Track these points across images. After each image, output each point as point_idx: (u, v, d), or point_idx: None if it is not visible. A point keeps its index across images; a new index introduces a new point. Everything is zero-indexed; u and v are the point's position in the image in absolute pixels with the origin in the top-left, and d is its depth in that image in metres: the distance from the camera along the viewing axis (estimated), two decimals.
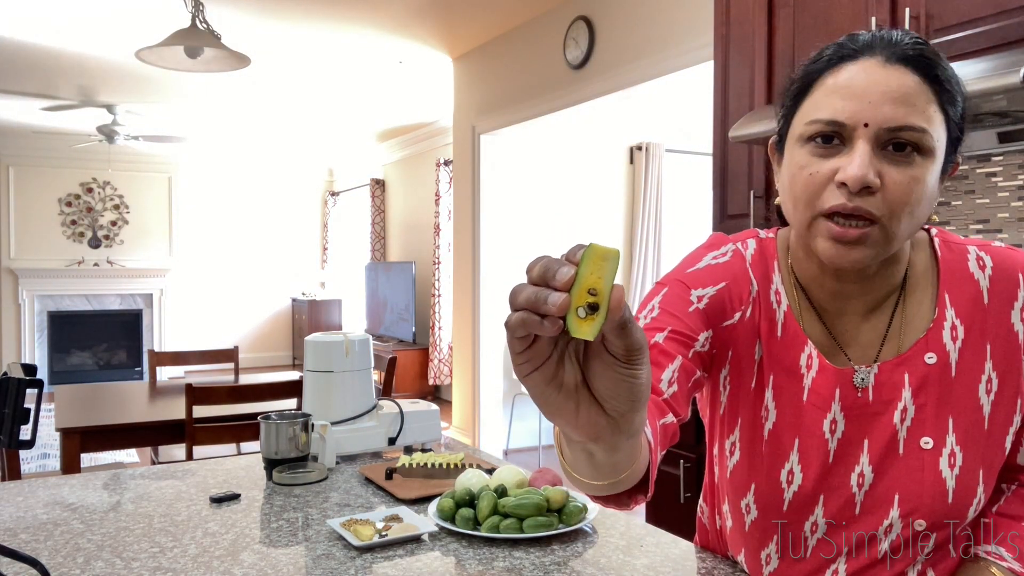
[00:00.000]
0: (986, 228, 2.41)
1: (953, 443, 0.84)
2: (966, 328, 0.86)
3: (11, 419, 1.09)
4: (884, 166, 0.76)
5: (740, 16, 2.79)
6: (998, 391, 0.85)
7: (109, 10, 4.51)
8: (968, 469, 0.84)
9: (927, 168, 0.77)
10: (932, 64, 0.77)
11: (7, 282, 8.78)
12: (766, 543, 0.92)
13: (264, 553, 1.14)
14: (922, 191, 0.77)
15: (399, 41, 5.20)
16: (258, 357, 10.18)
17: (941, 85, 0.77)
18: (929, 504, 0.84)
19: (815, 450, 0.88)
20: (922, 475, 0.85)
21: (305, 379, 1.74)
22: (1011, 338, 0.85)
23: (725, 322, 0.90)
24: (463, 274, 5.71)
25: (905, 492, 0.85)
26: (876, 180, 0.76)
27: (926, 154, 0.77)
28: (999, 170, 2.38)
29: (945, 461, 0.84)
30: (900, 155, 0.76)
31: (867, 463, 0.87)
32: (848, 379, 0.87)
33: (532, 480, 1.36)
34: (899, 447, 0.86)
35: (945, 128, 0.78)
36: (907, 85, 0.76)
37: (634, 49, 3.96)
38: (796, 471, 0.88)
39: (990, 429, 0.85)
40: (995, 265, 0.88)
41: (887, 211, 0.76)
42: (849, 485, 0.87)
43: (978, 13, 2.02)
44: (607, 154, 6.16)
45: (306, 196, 10.58)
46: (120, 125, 7.00)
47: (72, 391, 3.67)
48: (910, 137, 0.76)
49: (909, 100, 0.75)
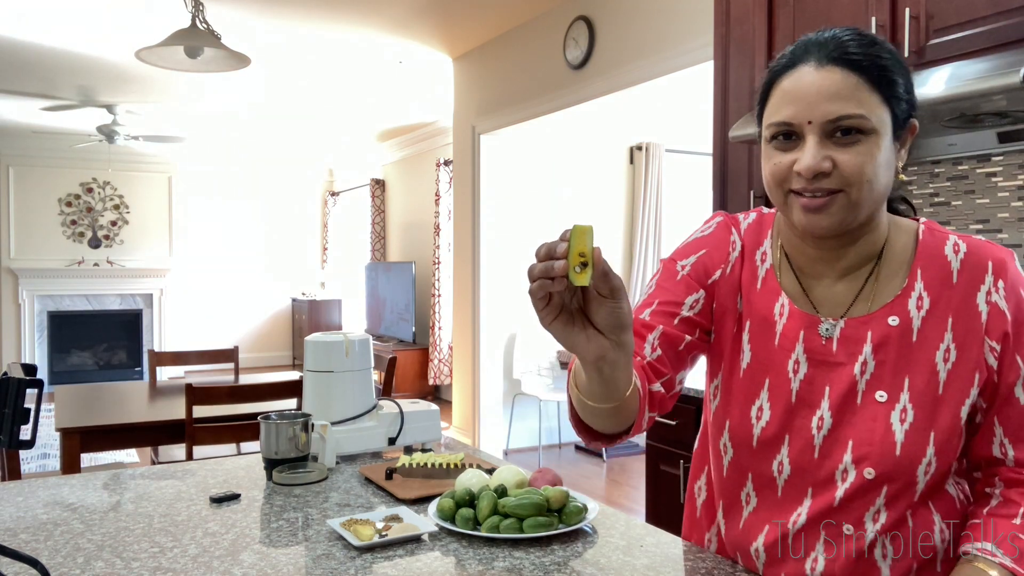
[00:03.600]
0: (986, 228, 2.41)
1: (906, 400, 0.93)
2: (932, 301, 0.95)
3: (11, 419, 1.09)
4: (834, 151, 0.89)
5: (740, 16, 2.79)
6: (956, 362, 0.93)
7: (109, 10, 4.51)
8: (918, 428, 0.92)
9: (874, 143, 0.90)
10: (859, 58, 0.90)
11: (7, 282, 8.78)
12: (742, 485, 1.04)
13: (264, 553, 1.14)
14: (874, 163, 0.90)
15: (399, 41, 5.21)
16: (258, 357, 10.18)
17: (872, 72, 0.89)
18: (878, 453, 0.93)
19: (781, 389, 0.99)
20: (874, 425, 0.93)
21: (305, 379, 1.74)
22: (973, 316, 0.93)
23: (710, 279, 1.06)
24: (463, 274, 5.71)
25: (858, 439, 0.94)
26: (827, 165, 0.89)
27: (869, 133, 0.89)
28: (999, 170, 2.38)
29: (897, 415, 0.93)
30: (847, 139, 0.89)
31: (827, 408, 0.96)
32: (813, 326, 0.99)
33: (532, 480, 1.36)
34: (857, 397, 0.95)
35: (886, 105, 0.90)
36: (838, 82, 0.89)
37: (634, 49, 3.96)
38: (765, 408, 1.00)
39: (944, 395, 0.92)
40: (968, 251, 0.96)
41: (845, 184, 0.90)
42: (810, 427, 0.97)
43: (978, 13, 2.02)
44: (607, 154, 6.16)
45: (306, 196, 10.58)
46: (120, 125, 7.00)
47: (72, 391, 3.67)
48: (850, 123, 0.88)
49: (841, 94, 0.89)
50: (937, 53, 2.11)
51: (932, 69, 2.05)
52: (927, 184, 2.58)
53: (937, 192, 2.55)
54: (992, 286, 0.94)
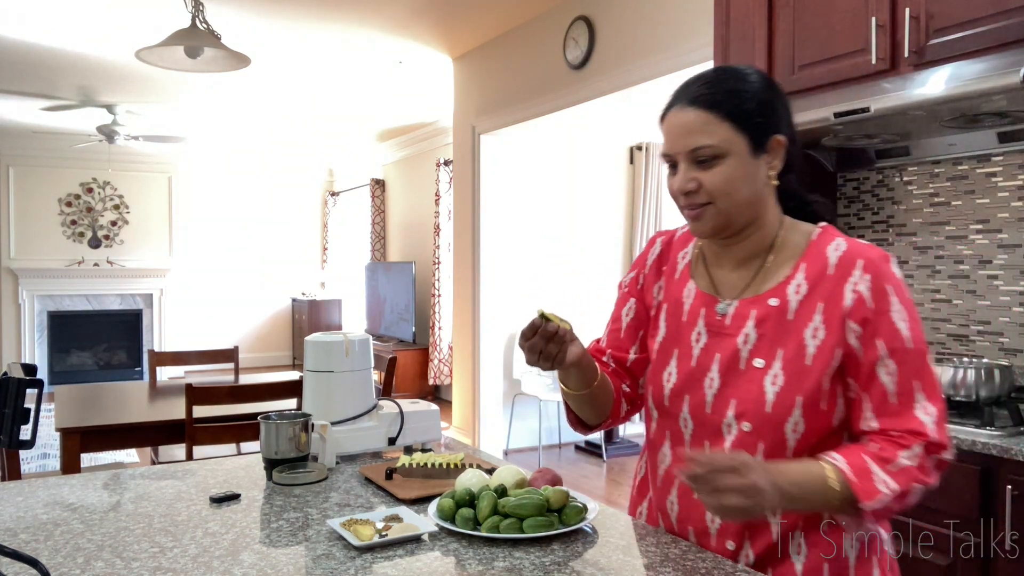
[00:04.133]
0: (986, 228, 2.41)
1: (779, 367, 1.11)
2: (808, 288, 1.13)
3: (11, 419, 1.09)
4: (699, 173, 1.12)
5: (740, 16, 2.79)
6: (823, 339, 1.10)
7: (109, 10, 4.51)
8: (786, 391, 1.10)
9: (730, 164, 1.11)
10: (709, 97, 1.12)
11: (7, 282, 8.78)
12: (662, 443, 1.25)
13: (264, 553, 1.14)
14: (732, 180, 1.11)
15: (399, 41, 5.21)
16: (258, 357, 10.18)
17: (722, 108, 1.11)
18: (753, 410, 1.12)
19: (685, 355, 1.21)
20: (751, 386, 1.13)
21: (305, 379, 1.74)
22: (839, 302, 1.10)
23: (638, 285, 1.34)
24: (463, 274, 5.71)
25: (738, 398, 1.13)
26: (692, 185, 1.13)
27: (724, 156, 1.11)
28: (999, 170, 2.38)
29: (769, 379, 1.11)
30: (707, 163, 1.12)
31: (716, 371, 1.16)
32: (712, 304, 1.20)
33: (532, 480, 1.36)
34: (740, 363, 1.15)
35: (737, 129, 1.11)
36: (690, 120, 1.12)
37: (634, 49, 3.96)
38: (673, 372, 1.22)
39: (812, 365, 1.10)
40: (846, 251, 1.13)
41: (711, 198, 1.12)
42: (703, 387, 1.17)
43: (978, 13, 2.02)
44: (607, 154, 6.15)
45: (306, 196, 10.58)
46: (120, 125, 7.00)
47: (72, 391, 3.67)
48: (705, 152, 1.11)
49: (695, 130, 1.12)
50: (937, 53, 2.11)
51: (932, 69, 2.05)
52: (927, 184, 2.58)
53: (937, 192, 2.55)
54: (859, 279, 1.10)
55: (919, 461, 1.04)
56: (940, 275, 2.53)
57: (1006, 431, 1.83)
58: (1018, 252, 2.33)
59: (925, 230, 2.58)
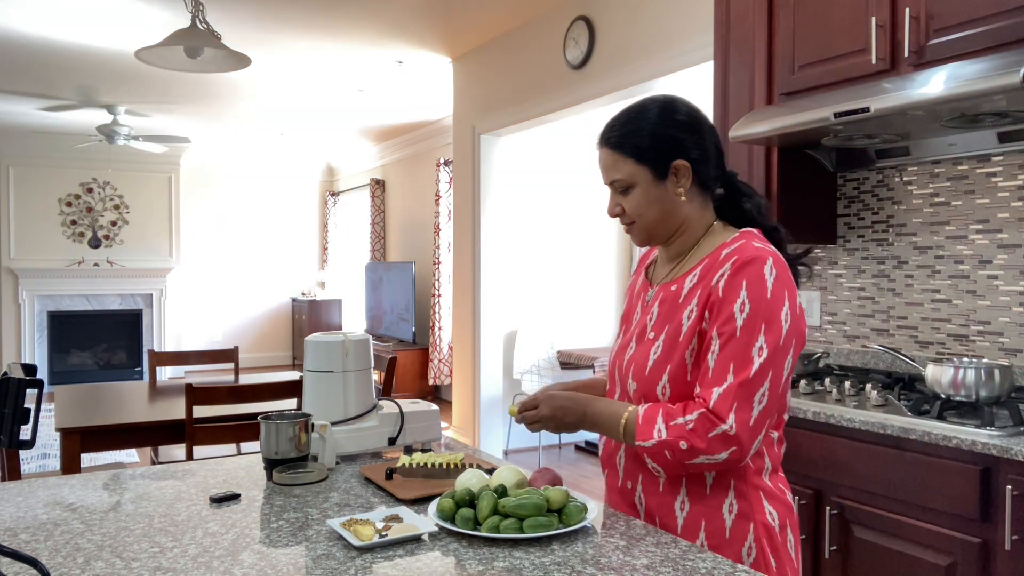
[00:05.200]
0: (986, 228, 2.41)
1: (661, 340, 1.33)
2: (698, 280, 1.32)
3: (11, 419, 1.09)
4: (621, 200, 1.37)
5: (740, 16, 2.79)
6: (692, 321, 1.30)
7: (109, 10, 4.51)
8: (661, 360, 1.32)
9: (637, 191, 1.35)
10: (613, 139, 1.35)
11: (7, 282, 8.78)
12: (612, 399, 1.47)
13: (264, 553, 1.14)
14: (641, 204, 1.35)
15: (399, 42, 5.21)
16: (258, 357, 10.18)
17: (623, 148, 1.34)
18: (638, 373, 1.35)
19: (626, 330, 1.46)
20: (642, 353, 1.36)
21: (305, 379, 1.74)
22: (710, 291, 1.28)
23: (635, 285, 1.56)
24: (463, 274, 5.71)
25: (635, 363, 1.36)
26: (617, 210, 1.38)
27: (632, 186, 1.35)
28: (999, 170, 2.38)
29: (654, 350, 1.34)
30: (624, 192, 1.36)
31: (633, 342, 1.40)
32: (646, 290, 1.45)
33: (532, 480, 1.36)
34: (645, 335, 1.38)
35: (638, 163, 1.33)
36: (604, 159, 1.37)
37: (634, 49, 3.96)
38: (617, 341, 1.48)
39: (681, 342, 1.31)
40: (732, 251, 1.30)
41: (633, 218, 1.37)
42: (625, 354, 1.41)
43: (978, 13, 2.02)
44: None
45: (306, 196, 10.58)
46: (120, 125, 7.00)
47: (72, 391, 3.67)
48: (619, 184, 1.36)
49: (608, 166, 1.37)
50: (937, 53, 2.11)
51: (932, 69, 2.05)
52: (927, 184, 2.58)
53: (937, 192, 2.55)
54: (723, 272, 1.27)
55: (693, 424, 1.23)
56: (940, 275, 2.53)
57: (1006, 431, 1.83)
58: (1018, 252, 2.33)
59: (925, 230, 2.58)
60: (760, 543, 1.27)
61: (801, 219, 2.76)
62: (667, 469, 1.26)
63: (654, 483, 1.34)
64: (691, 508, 1.29)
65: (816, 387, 2.45)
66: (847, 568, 2.11)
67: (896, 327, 2.66)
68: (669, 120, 1.34)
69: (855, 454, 2.07)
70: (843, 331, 2.84)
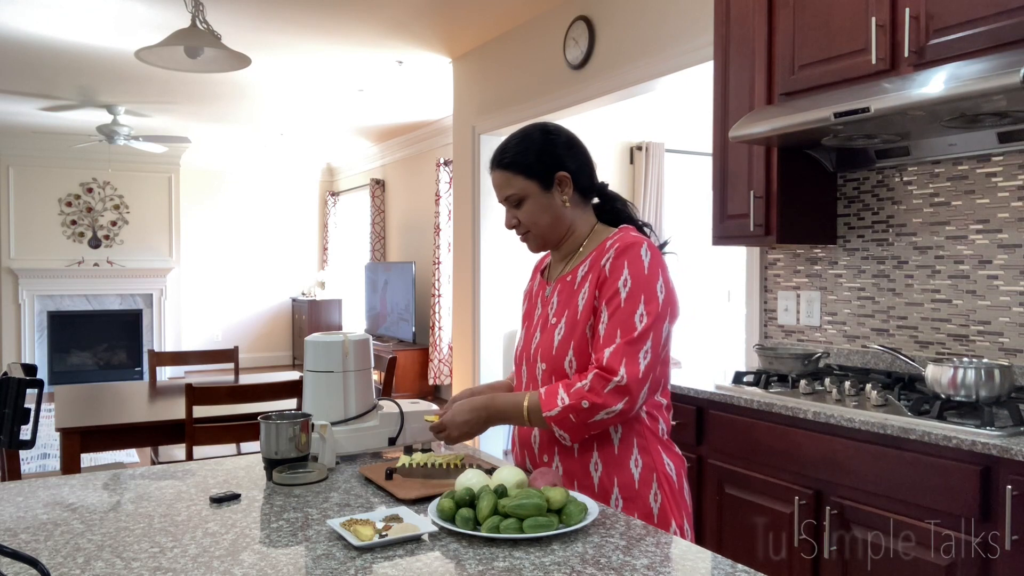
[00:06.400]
0: (986, 228, 2.41)
1: (563, 323, 1.53)
2: (589, 267, 1.54)
3: (11, 419, 1.09)
4: (516, 212, 1.59)
5: (740, 16, 2.79)
6: (586, 301, 1.51)
7: (109, 10, 4.51)
8: (565, 339, 1.52)
9: (529, 203, 1.57)
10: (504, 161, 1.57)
11: (7, 282, 8.78)
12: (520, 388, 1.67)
13: (264, 553, 1.14)
14: (534, 213, 1.57)
15: (399, 42, 5.21)
16: (258, 357, 10.18)
17: (512, 167, 1.56)
18: (546, 354, 1.54)
19: (528, 326, 1.66)
20: (548, 337, 1.56)
21: (305, 379, 1.74)
22: (599, 273, 1.50)
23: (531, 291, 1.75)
24: (463, 274, 5.71)
25: (542, 347, 1.56)
26: (513, 221, 1.60)
27: (524, 199, 1.57)
28: (999, 170, 2.38)
29: (558, 331, 1.54)
30: (518, 205, 1.58)
31: (538, 330, 1.60)
32: (544, 288, 1.65)
33: (532, 480, 1.36)
34: (547, 323, 1.58)
35: (527, 177, 1.55)
36: (498, 178, 1.59)
37: (634, 49, 3.96)
38: (521, 337, 1.67)
39: (579, 320, 1.51)
40: (614, 240, 1.53)
41: (527, 227, 1.59)
42: (531, 344, 1.61)
43: (978, 13, 2.02)
44: (607, 154, 6.15)
45: (306, 196, 10.58)
46: (120, 125, 7.00)
47: (72, 391, 3.67)
48: (513, 198, 1.58)
49: (502, 184, 1.58)
50: (937, 53, 2.11)
51: (932, 69, 2.05)
52: (927, 184, 2.58)
53: (937, 192, 2.55)
54: (608, 257, 1.50)
55: (590, 384, 1.42)
56: (940, 275, 2.53)
57: (1006, 431, 1.83)
58: (1018, 252, 2.33)
59: (925, 230, 2.58)
60: (663, 489, 1.49)
61: (801, 219, 2.75)
62: (572, 433, 1.45)
63: (568, 451, 1.53)
64: (603, 468, 1.50)
65: (816, 387, 2.45)
66: (847, 568, 2.11)
67: (896, 327, 2.66)
68: (549, 141, 1.58)
69: (855, 454, 2.07)
70: (843, 331, 2.84)
